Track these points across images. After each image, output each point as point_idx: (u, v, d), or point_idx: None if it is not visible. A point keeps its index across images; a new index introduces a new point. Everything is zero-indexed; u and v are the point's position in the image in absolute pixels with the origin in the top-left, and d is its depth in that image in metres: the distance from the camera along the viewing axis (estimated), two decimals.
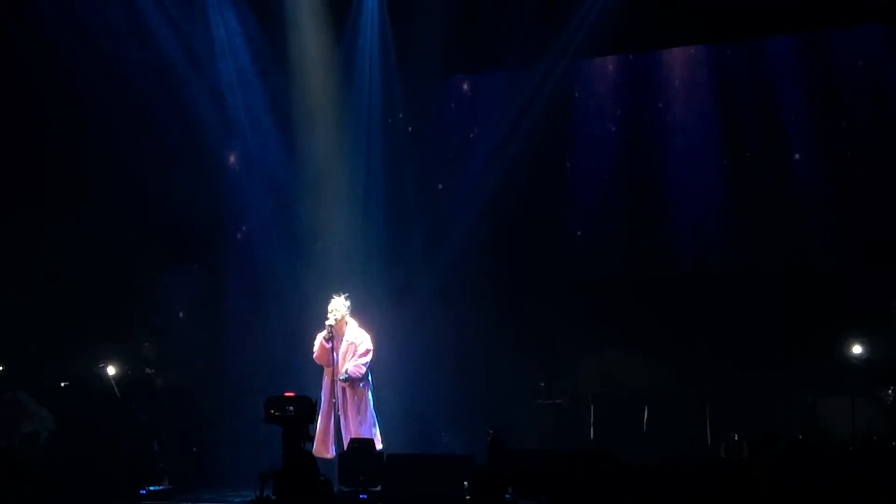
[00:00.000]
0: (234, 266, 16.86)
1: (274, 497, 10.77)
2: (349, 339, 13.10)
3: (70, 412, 14.63)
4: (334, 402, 12.87)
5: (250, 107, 16.32)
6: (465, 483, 11.16)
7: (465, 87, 16.62)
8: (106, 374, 13.97)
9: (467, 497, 11.17)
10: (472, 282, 16.02)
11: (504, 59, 15.94)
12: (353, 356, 13.02)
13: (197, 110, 16.01)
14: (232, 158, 16.74)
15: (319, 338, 13.04)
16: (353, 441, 12.47)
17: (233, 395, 15.97)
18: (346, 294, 13.26)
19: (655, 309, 15.12)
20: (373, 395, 13.11)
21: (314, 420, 11.60)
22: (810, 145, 15.12)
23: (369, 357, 13.04)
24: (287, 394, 11.45)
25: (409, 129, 16.43)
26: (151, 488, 13.24)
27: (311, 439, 11.71)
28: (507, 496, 11.47)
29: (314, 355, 13.15)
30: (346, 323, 13.18)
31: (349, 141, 16.44)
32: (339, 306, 13.14)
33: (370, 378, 13.15)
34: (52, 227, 15.94)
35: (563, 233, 16.08)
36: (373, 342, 13.18)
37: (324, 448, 12.83)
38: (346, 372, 12.90)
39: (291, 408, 11.12)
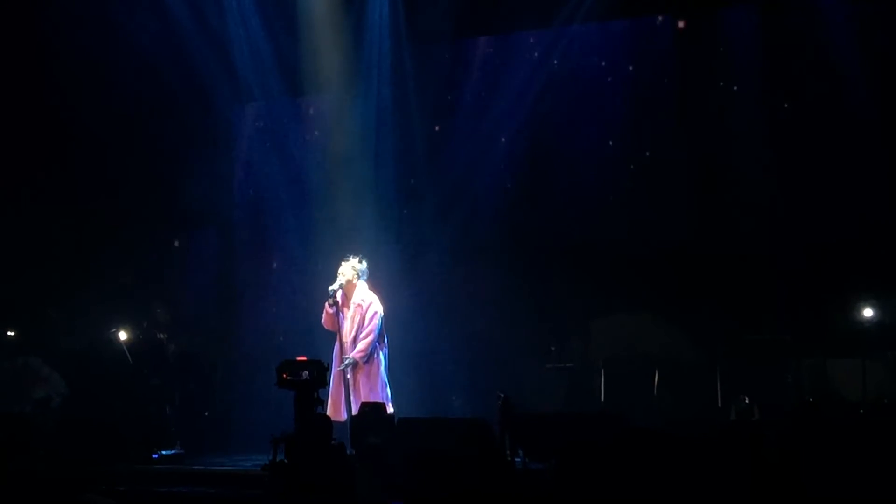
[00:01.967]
0: (245, 230, 16.88)
1: (287, 461, 10.81)
2: (356, 302, 13.07)
3: (82, 377, 14.69)
4: (343, 367, 12.89)
5: (260, 71, 16.29)
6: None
7: (477, 49, 16.51)
8: (118, 338, 14.00)
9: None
10: (484, 245, 16.01)
11: (515, 21, 15.90)
12: (360, 321, 13.00)
13: (207, 76, 16.01)
14: (242, 123, 16.71)
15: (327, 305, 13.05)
16: (364, 405, 12.49)
17: (244, 359, 16.03)
18: (360, 256, 13.22)
19: (666, 272, 15.11)
20: (385, 359, 13.10)
21: (326, 384, 11.62)
22: (818, 115, 15.04)
23: (376, 322, 12.95)
24: (299, 358, 11.46)
25: (419, 92, 16.39)
26: (164, 452, 13.29)
27: (322, 403, 11.71)
28: (518, 460, 11.52)
29: (322, 321, 13.15)
30: (356, 286, 13.15)
31: (359, 103, 16.42)
32: (346, 269, 13.09)
33: (385, 340, 13.15)
34: (69, 193, 16.01)
35: (575, 196, 16.03)
36: (382, 304, 13.15)
37: (336, 411, 12.86)
38: (350, 358, 12.92)
39: (306, 372, 11.13)
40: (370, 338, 12.93)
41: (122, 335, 14.04)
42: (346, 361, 12.89)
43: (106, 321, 14.44)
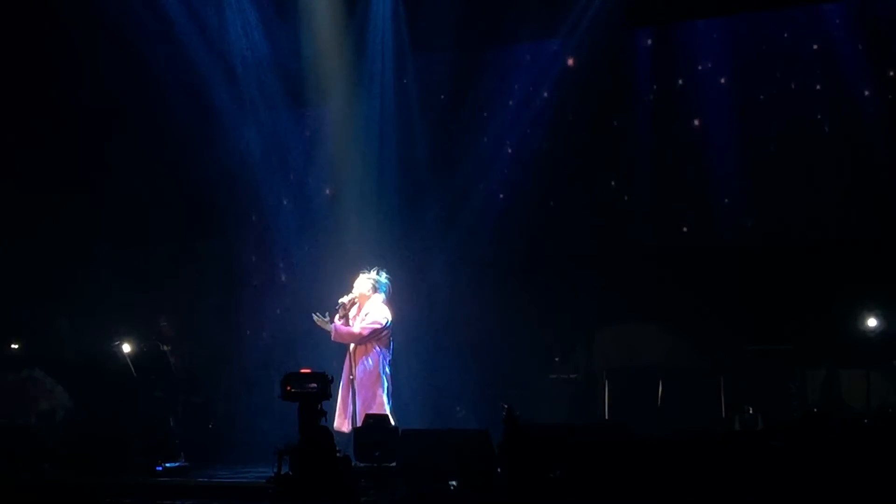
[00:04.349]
0: (249, 242, 16.87)
1: (292, 473, 10.81)
2: (364, 313, 13.01)
3: (86, 389, 14.68)
4: (352, 379, 12.81)
5: (263, 82, 16.31)
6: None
7: (479, 60, 16.50)
8: (122, 351, 13.98)
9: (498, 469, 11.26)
10: (487, 254, 16.02)
11: (518, 32, 15.91)
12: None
13: (210, 87, 16.03)
14: (246, 135, 16.71)
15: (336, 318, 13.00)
16: (368, 417, 12.47)
17: (248, 371, 16.02)
18: (377, 268, 13.11)
19: (670, 282, 15.10)
20: (385, 374, 12.95)
21: (329, 397, 11.62)
22: (828, 120, 15.05)
23: (374, 328, 12.80)
24: (303, 370, 11.46)
25: (421, 102, 16.40)
26: (167, 465, 13.24)
27: (325, 415, 11.69)
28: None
29: (331, 335, 13.08)
30: (370, 298, 13.03)
31: (362, 115, 16.44)
32: (361, 282, 13.00)
33: (388, 355, 13.05)
34: (73, 207, 16.05)
35: (577, 205, 16.05)
36: (392, 317, 13.04)
37: (342, 422, 12.81)
38: (330, 322, 12.82)
39: (314, 385, 11.13)
40: (361, 333, 12.78)
41: (126, 348, 14.01)
42: (327, 321, 12.79)
43: (110, 334, 14.43)
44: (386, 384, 12.93)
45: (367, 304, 13.01)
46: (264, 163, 16.65)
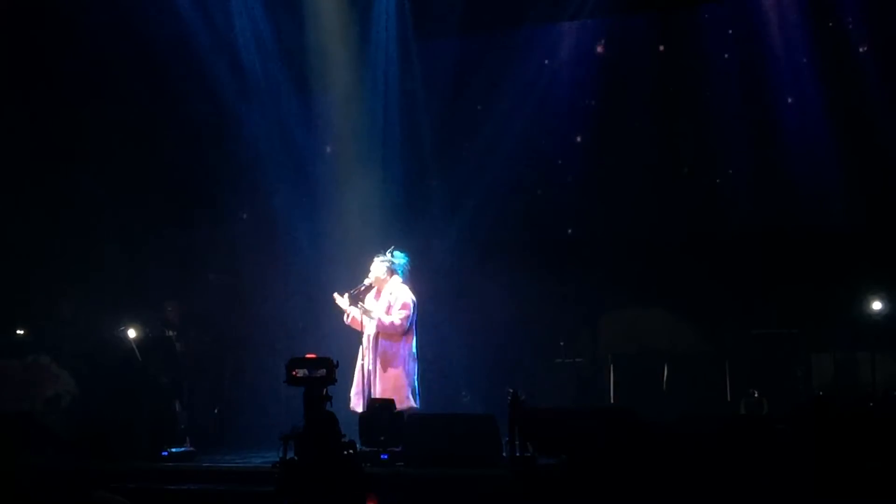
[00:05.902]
0: (255, 227, 16.85)
1: (297, 458, 10.81)
2: (386, 296, 12.70)
3: (91, 375, 14.69)
4: (372, 359, 12.60)
5: (266, 68, 16.29)
6: None
7: (483, 45, 16.48)
8: (127, 336, 13.99)
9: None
10: (492, 240, 16.01)
11: (521, 17, 15.87)
12: (387, 309, 12.65)
13: (214, 73, 16.00)
14: (249, 121, 16.69)
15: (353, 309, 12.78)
16: (373, 401, 12.41)
17: (254, 356, 16.01)
18: (391, 250, 12.85)
19: (675, 266, 15.10)
20: (411, 356, 12.62)
21: (335, 381, 11.58)
22: (830, 104, 15.02)
23: (407, 314, 12.50)
24: (308, 355, 11.43)
25: (426, 87, 16.38)
26: (173, 450, 13.24)
27: (331, 400, 11.65)
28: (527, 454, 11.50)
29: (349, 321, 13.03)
30: (387, 282, 12.74)
31: (366, 101, 16.41)
32: (377, 267, 12.75)
33: (413, 336, 12.76)
34: (78, 193, 16.04)
35: (582, 190, 16.03)
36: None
37: (357, 402, 12.67)
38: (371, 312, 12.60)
39: (320, 369, 11.10)
40: (397, 323, 12.52)
41: (132, 333, 14.01)
42: (360, 307, 12.56)
43: (115, 319, 14.43)
44: (409, 365, 12.68)
45: (387, 287, 12.74)
46: (268, 148, 16.63)
